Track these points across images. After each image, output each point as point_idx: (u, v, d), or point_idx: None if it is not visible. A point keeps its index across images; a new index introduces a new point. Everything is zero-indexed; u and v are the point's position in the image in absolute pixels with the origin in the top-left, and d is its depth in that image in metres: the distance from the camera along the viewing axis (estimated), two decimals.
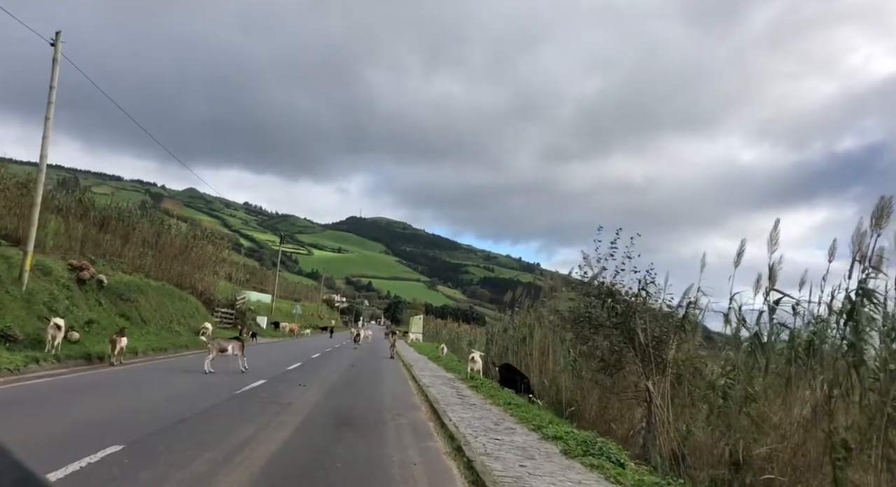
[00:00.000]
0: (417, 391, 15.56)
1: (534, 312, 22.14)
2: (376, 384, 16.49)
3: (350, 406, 11.48)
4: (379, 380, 17.56)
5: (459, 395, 14.36)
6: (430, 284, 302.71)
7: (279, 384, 14.01)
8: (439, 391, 14.96)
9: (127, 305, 23.18)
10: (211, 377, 14.35)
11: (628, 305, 12.46)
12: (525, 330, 24.73)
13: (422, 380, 17.44)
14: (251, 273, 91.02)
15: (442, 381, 17.90)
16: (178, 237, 39.01)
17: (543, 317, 20.15)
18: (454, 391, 15.34)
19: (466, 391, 15.65)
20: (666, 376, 12.52)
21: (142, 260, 37.52)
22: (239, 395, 11.61)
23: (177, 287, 34.08)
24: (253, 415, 9.38)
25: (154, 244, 38.50)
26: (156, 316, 25.11)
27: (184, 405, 9.78)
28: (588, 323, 12.93)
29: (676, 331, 12.60)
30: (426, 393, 14.08)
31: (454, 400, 13.31)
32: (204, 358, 15.77)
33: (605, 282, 12.86)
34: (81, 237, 35.28)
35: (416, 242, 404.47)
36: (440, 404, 12.27)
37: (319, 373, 17.87)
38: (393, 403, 12.58)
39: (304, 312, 79.04)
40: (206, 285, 39.96)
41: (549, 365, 19.93)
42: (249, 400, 11.00)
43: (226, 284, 47.38)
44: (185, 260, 39.04)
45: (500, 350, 28.61)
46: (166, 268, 37.68)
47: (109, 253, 36.49)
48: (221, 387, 12.41)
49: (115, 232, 37.76)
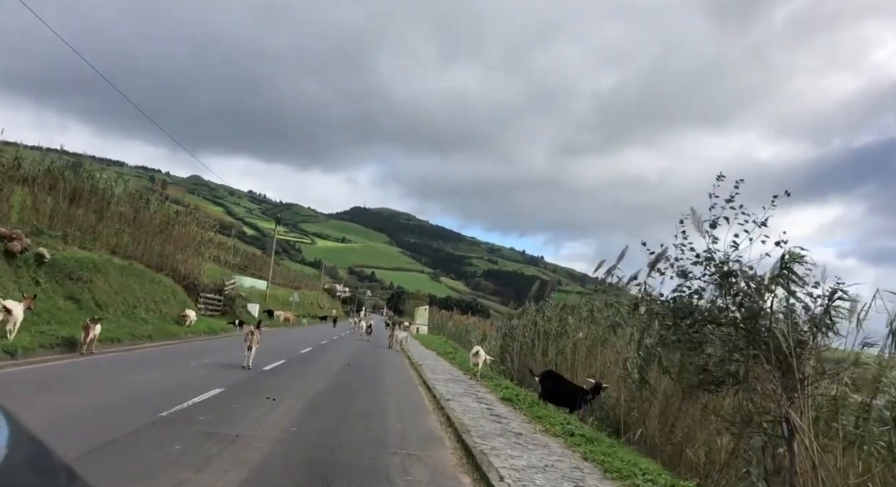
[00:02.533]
0: (433, 404, 11.43)
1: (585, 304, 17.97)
2: (377, 394, 12.33)
3: (335, 440, 7.33)
4: (381, 388, 13.43)
5: (494, 415, 10.23)
6: (434, 275, 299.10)
7: (239, 396, 9.88)
8: (464, 406, 10.85)
9: (77, 286, 19.12)
10: (147, 383, 10.25)
11: (759, 293, 8.28)
12: (555, 325, 20.62)
13: (436, 388, 13.32)
14: (251, 259, 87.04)
15: (462, 388, 13.78)
16: (159, 213, 34.93)
17: (604, 310, 15.96)
18: (483, 406, 11.21)
19: (499, 406, 11.52)
20: (807, 398, 8.41)
21: (118, 237, 33.71)
22: (164, 419, 7.48)
23: (152, 268, 30.04)
24: (155, 470, 5.26)
25: (132, 220, 34.60)
26: (116, 301, 21.05)
27: (67, 438, 5.64)
28: (693, 318, 8.74)
29: (816, 333, 8.48)
30: (447, 413, 9.93)
31: (489, 425, 9.18)
32: (169, 350, 11.65)
33: (717, 257, 8.65)
34: (50, 212, 31.32)
35: (420, 233, 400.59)
36: (472, 435, 8.15)
37: (303, 376, 13.75)
38: (402, 431, 8.44)
39: (303, 301, 75.07)
40: (190, 267, 35.90)
41: (597, 369, 15.81)
42: (173, 431, 6.87)
43: (214, 267, 43.31)
44: (167, 240, 35.02)
45: (522, 348, 24.47)
46: (147, 248, 33.78)
47: (83, 230, 32.60)
48: (147, 402, 8.31)
49: (87, 206, 33.78)
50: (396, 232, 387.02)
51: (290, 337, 30.26)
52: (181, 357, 15.47)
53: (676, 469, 11.40)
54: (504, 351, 30.37)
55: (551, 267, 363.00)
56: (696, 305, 8.88)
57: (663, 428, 12.62)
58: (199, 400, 8.90)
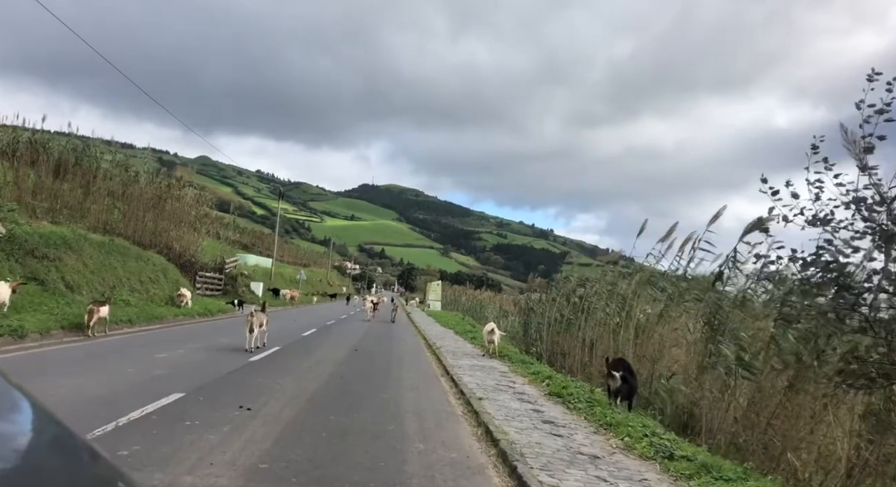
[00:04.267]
0: (462, 405, 8.79)
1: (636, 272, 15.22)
2: (389, 393, 9.67)
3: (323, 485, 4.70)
4: (393, 383, 10.80)
5: (546, 421, 7.58)
6: (444, 251, 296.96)
7: (202, 404, 7.28)
8: (503, 408, 8.21)
9: (42, 265, 16.59)
10: (80, 389, 7.66)
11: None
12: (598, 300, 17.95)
13: (463, 379, 10.68)
14: (258, 238, 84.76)
15: (493, 379, 11.14)
16: (151, 186, 32.33)
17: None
18: (528, 407, 8.55)
19: (548, 405, 8.87)
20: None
21: (108, 214, 31.26)
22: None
23: (142, 245, 27.55)
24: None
25: (121, 195, 32.08)
26: (92, 281, 18.52)
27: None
28: (847, 287, 5.96)
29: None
30: (484, 422, 7.26)
31: (546, 440, 6.52)
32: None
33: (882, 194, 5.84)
34: (33, 187, 28.78)
35: (429, 209, 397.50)
36: (528, 462, 5.50)
37: (298, 369, 11.15)
38: (426, 459, 5.77)
39: (312, 278, 72.84)
40: (186, 245, 33.41)
41: (653, 350, 13.14)
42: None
43: (214, 244, 40.81)
44: (160, 215, 32.49)
45: (551, 325, 21.79)
46: (139, 224, 31.35)
47: (69, 207, 30.10)
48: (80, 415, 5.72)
49: (73, 180, 31.22)
50: (405, 208, 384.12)
51: (293, 318, 27.81)
52: (154, 345, 12.94)
53: (770, 475, 8.79)
54: (526, 331, 27.75)
55: (561, 240, 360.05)
56: (849, 266, 6.10)
57: (751, 426, 9.97)
58: (137, 416, 6.29)
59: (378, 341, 19.37)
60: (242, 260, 47.68)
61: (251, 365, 11.04)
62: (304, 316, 30.43)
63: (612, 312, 17.96)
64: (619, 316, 16.62)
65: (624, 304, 15.14)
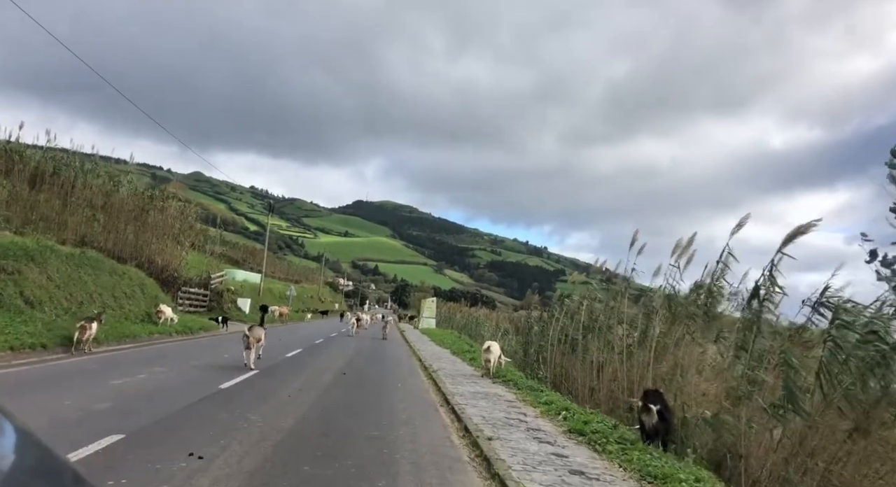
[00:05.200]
0: (469, 448, 7.27)
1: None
2: (382, 432, 8.15)
3: None
4: (386, 418, 9.26)
5: (575, 472, 6.06)
6: (437, 268, 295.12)
7: (137, 453, 5.73)
8: (519, 452, 6.69)
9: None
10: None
11: None
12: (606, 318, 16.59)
13: (466, 412, 9.17)
14: (250, 253, 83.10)
15: (502, 410, 9.63)
16: (133, 197, 30.79)
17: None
18: (549, 450, 7.04)
19: (571, 447, 7.35)
20: None
21: (87, 226, 29.72)
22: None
23: (119, 258, 25.97)
24: None
25: (102, 206, 30.56)
26: (57, 296, 16.91)
27: None
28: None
29: None
30: (499, 474, 5.76)
31: None
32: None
33: None
34: (7, 198, 27.33)
35: (423, 226, 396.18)
36: None
37: (274, 399, 9.60)
38: None
39: (303, 295, 71.06)
40: (169, 258, 31.79)
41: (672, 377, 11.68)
42: None
43: (200, 258, 39.19)
44: (142, 227, 30.92)
45: (553, 346, 20.28)
46: (119, 237, 29.82)
47: (47, 219, 28.58)
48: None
49: (50, 191, 29.74)
50: (399, 225, 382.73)
51: (279, 336, 26.17)
52: (114, 368, 11.37)
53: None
54: (526, 353, 26.21)
55: (555, 258, 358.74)
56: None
57: (804, 470, 8.49)
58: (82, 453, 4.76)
59: (369, 362, 17.80)
60: (230, 276, 46.02)
61: (220, 394, 9.49)
62: (291, 334, 28.80)
63: (622, 333, 16.55)
64: (630, 337, 15.23)
65: (638, 324, 13.72)
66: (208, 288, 35.73)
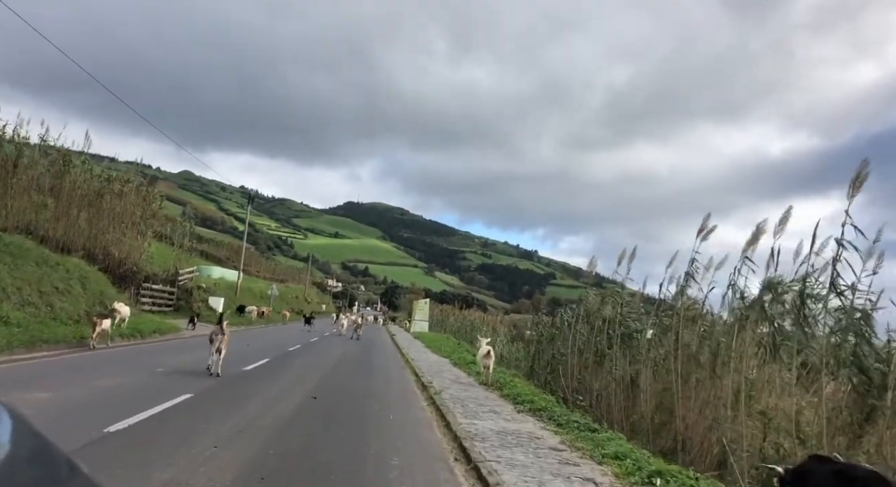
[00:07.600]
0: None
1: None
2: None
3: None
4: (369, 478, 5.68)
5: None
6: (428, 270, 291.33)
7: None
8: None
9: None
10: None
11: None
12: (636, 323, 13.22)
13: (497, 477, 5.66)
14: (236, 252, 79.08)
15: (550, 471, 6.13)
16: (87, 181, 26.97)
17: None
18: None
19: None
20: None
21: (36, 213, 25.97)
22: None
23: (62, 249, 22.24)
24: None
25: (50, 190, 26.79)
26: None
27: None
28: None
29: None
30: None
31: None
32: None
33: None
34: None
35: (414, 228, 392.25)
36: None
37: (194, 449, 5.97)
38: None
39: (287, 295, 67.14)
40: (129, 250, 27.97)
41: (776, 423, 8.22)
42: None
43: (166, 251, 35.32)
44: (98, 214, 27.12)
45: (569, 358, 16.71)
46: (70, 224, 26.07)
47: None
48: None
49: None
50: (390, 227, 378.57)
51: (252, 339, 22.44)
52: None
53: None
54: (533, 365, 22.68)
55: (545, 261, 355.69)
56: None
57: None
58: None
59: (351, 377, 14.13)
60: (204, 273, 42.15)
61: (105, 442, 5.85)
62: (262, 338, 25.08)
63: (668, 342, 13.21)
64: (670, 347, 11.89)
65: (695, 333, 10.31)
66: (175, 285, 31.92)
